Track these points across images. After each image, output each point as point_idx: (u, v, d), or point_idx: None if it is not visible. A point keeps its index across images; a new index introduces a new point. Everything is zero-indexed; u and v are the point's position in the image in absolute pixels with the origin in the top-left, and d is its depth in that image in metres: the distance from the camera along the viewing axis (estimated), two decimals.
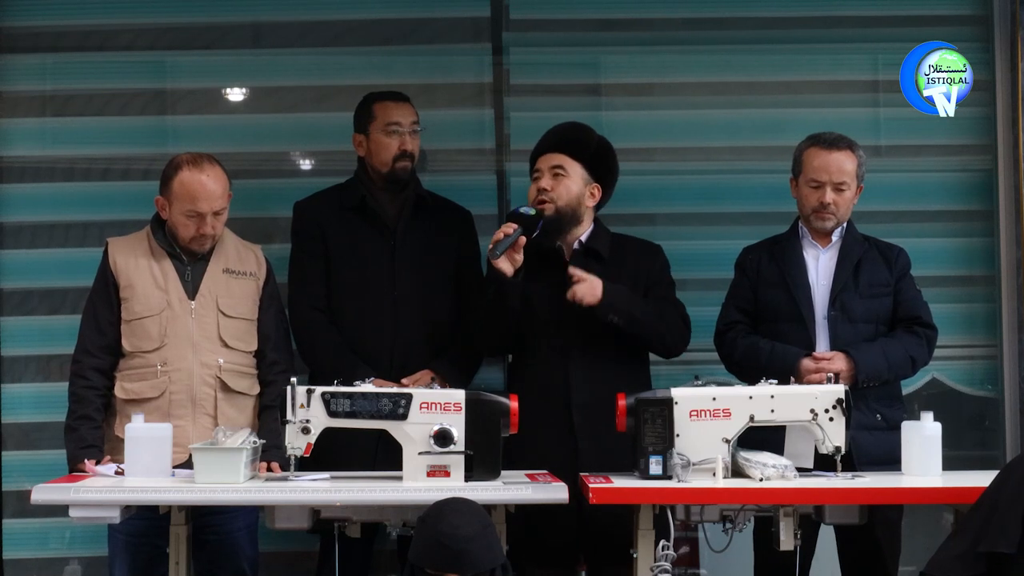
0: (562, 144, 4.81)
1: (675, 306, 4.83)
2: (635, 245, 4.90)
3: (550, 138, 4.85)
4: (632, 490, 4.12)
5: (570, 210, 4.76)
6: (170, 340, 4.61)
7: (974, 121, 5.54)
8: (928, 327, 4.77)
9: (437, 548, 3.62)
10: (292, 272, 4.99)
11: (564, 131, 4.87)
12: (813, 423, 4.24)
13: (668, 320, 4.76)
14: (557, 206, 4.73)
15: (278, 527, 4.19)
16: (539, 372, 4.71)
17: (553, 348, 4.71)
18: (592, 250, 4.80)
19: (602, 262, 4.78)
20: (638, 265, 4.83)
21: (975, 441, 5.62)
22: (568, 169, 4.77)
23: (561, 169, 4.76)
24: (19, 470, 5.41)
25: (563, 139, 4.83)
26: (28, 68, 5.53)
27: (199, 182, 4.60)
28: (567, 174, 4.76)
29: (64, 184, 5.52)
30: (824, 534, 4.71)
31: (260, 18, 5.61)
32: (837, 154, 4.76)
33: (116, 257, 4.68)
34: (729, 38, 5.61)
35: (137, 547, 4.62)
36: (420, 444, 4.16)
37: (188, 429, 4.56)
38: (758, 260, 4.87)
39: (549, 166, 4.78)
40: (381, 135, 4.95)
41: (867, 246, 4.84)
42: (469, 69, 5.62)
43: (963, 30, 5.56)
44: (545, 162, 4.79)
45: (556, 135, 4.86)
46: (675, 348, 4.81)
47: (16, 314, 5.49)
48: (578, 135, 4.86)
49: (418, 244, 4.95)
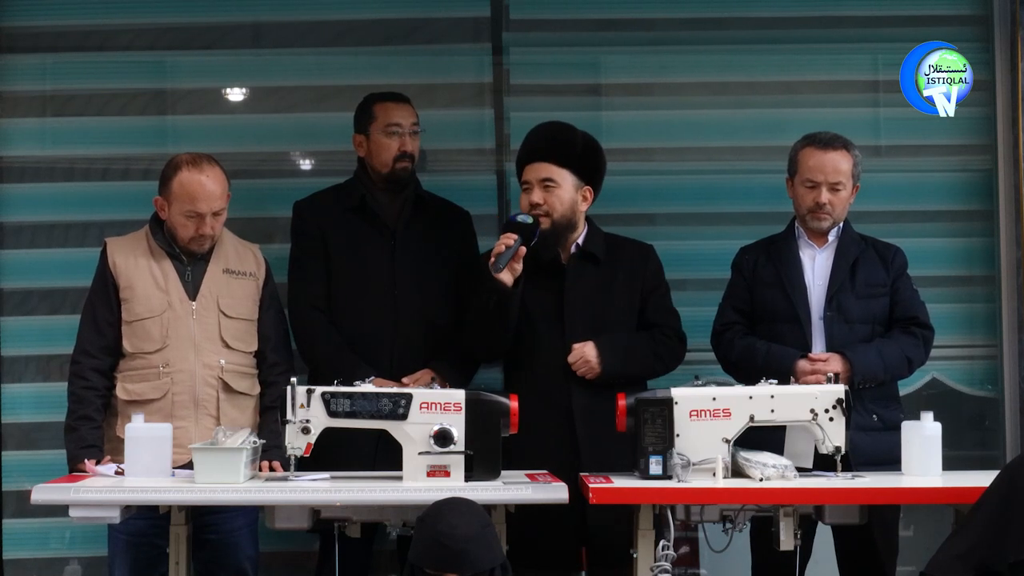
0: (548, 152, 4.75)
1: (670, 318, 4.84)
2: (628, 246, 4.88)
3: (535, 144, 4.79)
4: (632, 490, 4.12)
5: (565, 220, 4.74)
6: (172, 341, 4.61)
7: (974, 121, 5.54)
8: (925, 327, 4.77)
9: (436, 548, 3.61)
10: (292, 272, 4.98)
11: (548, 136, 4.80)
12: (813, 423, 4.24)
13: (662, 351, 4.79)
14: (552, 219, 4.70)
15: (278, 527, 4.19)
16: (539, 377, 4.70)
17: (553, 354, 4.69)
18: (588, 253, 4.79)
19: (598, 264, 4.78)
20: (633, 267, 4.82)
21: (975, 441, 5.62)
22: (557, 179, 4.72)
23: (551, 181, 4.71)
24: (19, 470, 5.42)
25: (548, 145, 4.76)
26: (28, 68, 5.54)
27: (198, 183, 4.60)
28: (557, 184, 4.72)
29: (64, 184, 5.53)
30: (822, 535, 4.71)
31: (260, 18, 5.61)
32: (832, 154, 4.75)
33: (115, 258, 4.68)
34: (729, 38, 5.61)
35: (137, 547, 4.62)
36: (420, 444, 4.16)
37: (190, 430, 4.56)
38: (754, 260, 4.86)
39: (538, 179, 4.72)
40: (381, 136, 4.95)
41: (864, 246, 4.83)
42: (469, 69, 5.62)
43: (963, 30, 5.56)
44: (533, 173, 4.73)
45: (541, 140, 4.79)
46: (670, 369, 4.84)
47: (16, 314, 5.49)
48: (563, 138, 4.79)
49: (418, 244, 4.95)
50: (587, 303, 4.75)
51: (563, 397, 4.67)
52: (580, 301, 4.74)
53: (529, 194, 4.73)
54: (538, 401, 4.56)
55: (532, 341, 4.73)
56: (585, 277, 4.76)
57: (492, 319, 4.65)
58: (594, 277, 4.75)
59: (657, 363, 4.78)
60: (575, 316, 4.71)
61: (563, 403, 4.67)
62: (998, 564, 3.65)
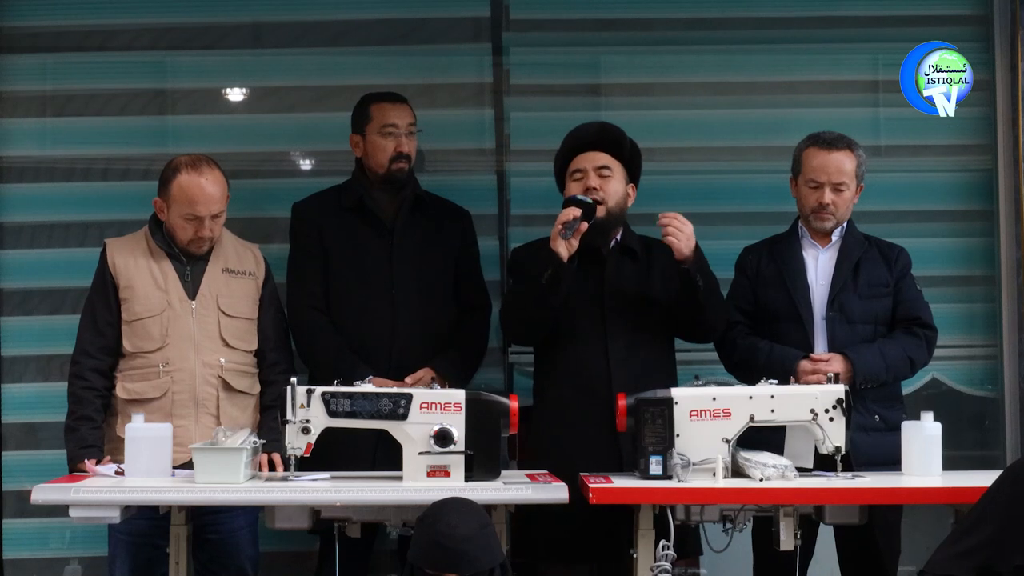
0: (603, 143, 4.75)
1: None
2: (659, 245, 4.83)
3: (587, 135, 4.78)
4: (632, 490, 4.12)
5: (618, 210, 4.73)
6: (171, 340, 4.61)
7: (974, 121, 5.54)
8: (928, 328, 4.76)
9: (435, 548, 3.61)
10: (291, 272, 4.98)
11: (602, 130, 4.81)
12: (813, 423, 4.24)
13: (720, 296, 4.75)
14: (608, 207, 4.68)
15: (278, 527, 4.19)
16: (577, 363, 4.65)
17: (591, 341, 4.66)
18: (628, 248, 4.77)
19: (636, 260, 4.77)
20: (667, 266, 4.80)
21: (975, 441, 5.63)
22: (613, 169, 4.72)
23: (607, 169, 4.71)
24: (19, 470, 5.42)
25: (603, 138, 4.77)
26: (28, 68, 5.54)
27: (198, 185, 4.60)
28: (612, 174, 4.72)
29: (64, 184, 5.53)
30: (823, 535, 4.71)
31: (260, 18, 5.61)
32: (836, 154, 4.75)
33: (115, 258, 4.68)
34: (729, 38, 5.61)
35: (137, 547, 4.62)
36: (420, 444, 4.16)
37: (191, 429, 4.56)
38: (758, 260, 4.87)
39: (595, 166, 4.71)
40: (377, 137, 4.94)
41: (867, 246, 4.83)
42: (469, 69, 5.62)
43: (963, 30, 5.56)
44: (589, 161, 4.72)
45: (594, 133, 4.79)
46: (720, 325, 4.75)
47: (16, 314, 5.49)
48: (616, 135, 4.80)
49: (416, 244, 4.94)
50: (626, 294, 4.72)
51: (602, 384, 4.62)
52: (620, 292, 4.72)
53: (585, 181, 4.69)
54: (576, 391, 4.58)
55: (571, 327, 4.68)
56: (624, 269, 4.75)
57: (542, 294, 4.57)
58: (632, 271, 4.74)
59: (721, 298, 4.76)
60: (614, 305, 4.69)
61: (602, 390, 4.60)
62: (1002, 566, 3.65)
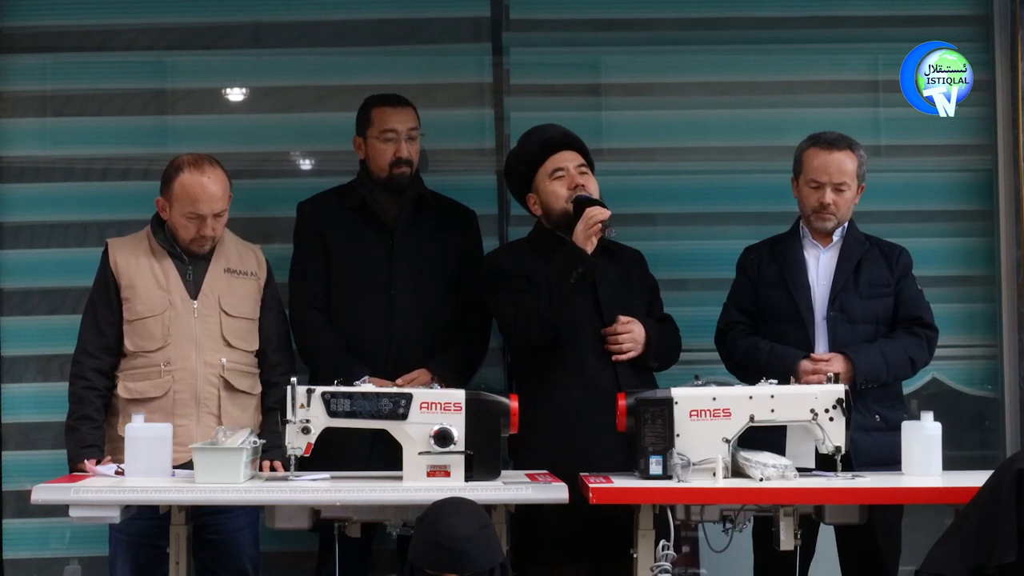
0: (573, 143, 4.78)
1: (671, 323, 4.90)
2: (624, 250, 4.90)
3: (557, 137, 4.80)
4: (632, 490, 4.12)
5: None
6: (173, 340, 4.61)
7: (974, 121, 5.54)
8: (929, 328, 4.76)
9: (435, 548, 3.62)
10: (293, 271, 4.99)
11: (565, 131, 4.83)
12: (813, 423, 4.23)
13: (671, 344, 4.85)
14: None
15: (278, 527, 4.19)
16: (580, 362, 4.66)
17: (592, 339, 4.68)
18: (606, 247, 4.76)
19: (612, 258, 4.78)
20: (639, 271, 4.84)
21: (975, 441, 5.63)
22: (589, 166, 4.75)
23: (585, 166, 4.74)
24: (19, 470, 5.42)
25: (567, 139, 4.79)
26: (28, 68, 5.54)
27: (200, 184, 4.60)
28: (589, 173, 4.74)
29: (64, 184, 5.53)
30: (824, 535, 4.71)
31: (260, 18, 5.61)
32: (837, 154, 4.75)
33: (117, 258, 4.68)
34: (729, 38, 5.61)
35: (137, 547, 4.62)
36: (420, 444, 4.16)
37: (192, 428, 4.56)
38: (759, 260, 4.87)
39: (576, 165, 4.73)
40: (377, 141, 4.94)
41: (868, 246, 4.83)
42: (469, 69, 5.62)
43: (963, 30, 5.56)
44: (567, 160, 4.73)
45: (561, 134, 4.81)
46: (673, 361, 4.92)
47: (16, 314, 5.49)
48: (575, 136, 4.83)
49: (417, 244, 4.94)
50: (616, 289, 4.75)
51: (606, 380, 4.64)
52: (611, 287, 4.74)
53: (567, 180, 4.70)
54: (582, 393, 4.59)
55: (571, 327, 4.67)
56: (608, 269, 4.76)
57: (568, 293, 4.57)
58: (614, 272, 4.77)
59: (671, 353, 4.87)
60: (610, 300, 4.71)
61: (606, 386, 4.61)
62: (987, 566, 3.66)
